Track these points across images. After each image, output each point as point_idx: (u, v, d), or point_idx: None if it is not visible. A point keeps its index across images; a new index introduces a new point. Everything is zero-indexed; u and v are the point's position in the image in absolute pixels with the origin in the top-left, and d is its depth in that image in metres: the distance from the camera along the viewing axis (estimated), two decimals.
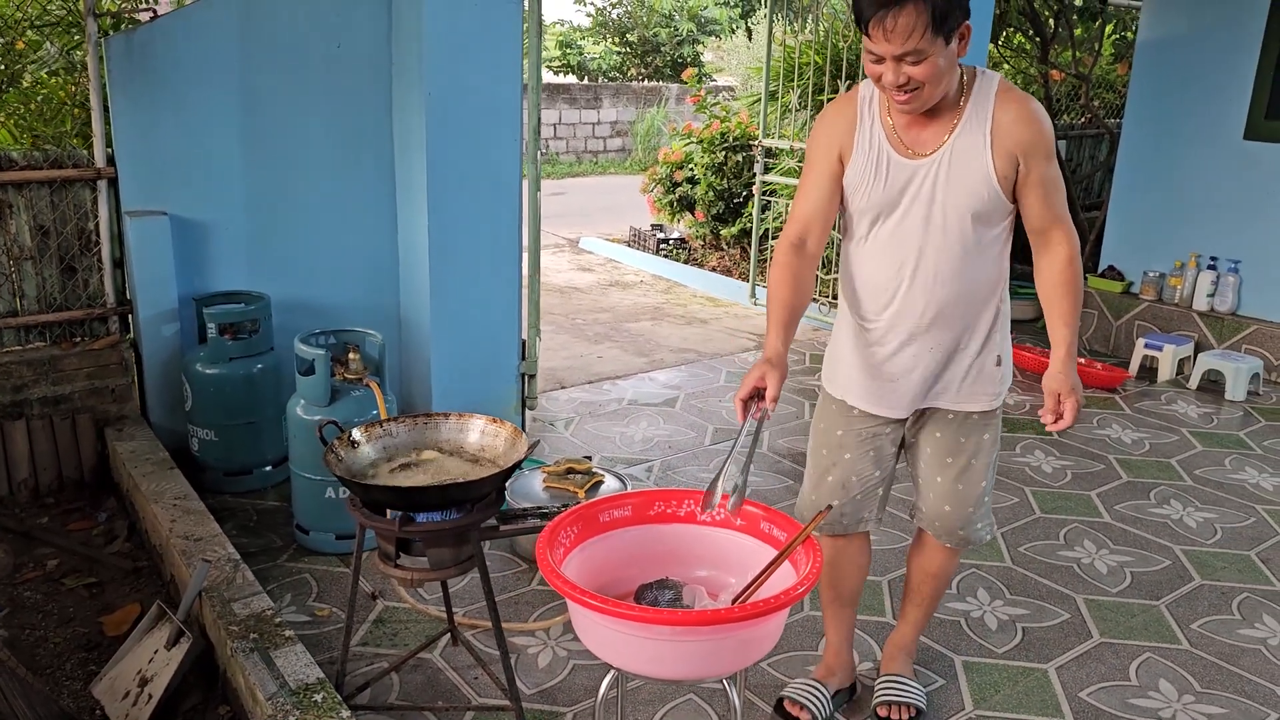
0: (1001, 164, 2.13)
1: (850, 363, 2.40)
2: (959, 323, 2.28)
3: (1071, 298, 2.22)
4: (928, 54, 2.00)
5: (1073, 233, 2.22)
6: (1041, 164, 2.14)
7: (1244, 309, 5.56)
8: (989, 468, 2.44)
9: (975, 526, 2.48)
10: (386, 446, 2.52)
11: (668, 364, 5.55)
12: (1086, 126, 8.18)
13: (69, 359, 3.77)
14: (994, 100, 2.13)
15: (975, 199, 2.16)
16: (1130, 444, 4.55)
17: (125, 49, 3.59)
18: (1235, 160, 5.54)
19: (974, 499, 2.44)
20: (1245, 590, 3.32)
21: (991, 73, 2.18)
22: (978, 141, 2.13)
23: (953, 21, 1.99)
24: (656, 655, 1.83)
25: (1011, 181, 2.16)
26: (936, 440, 2.41)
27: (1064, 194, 2.21)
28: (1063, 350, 2.21)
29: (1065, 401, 2.18)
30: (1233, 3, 5.46)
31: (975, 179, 2.15)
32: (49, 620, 3.05)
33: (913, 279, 2.24)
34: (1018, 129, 2.11)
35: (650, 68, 19.48)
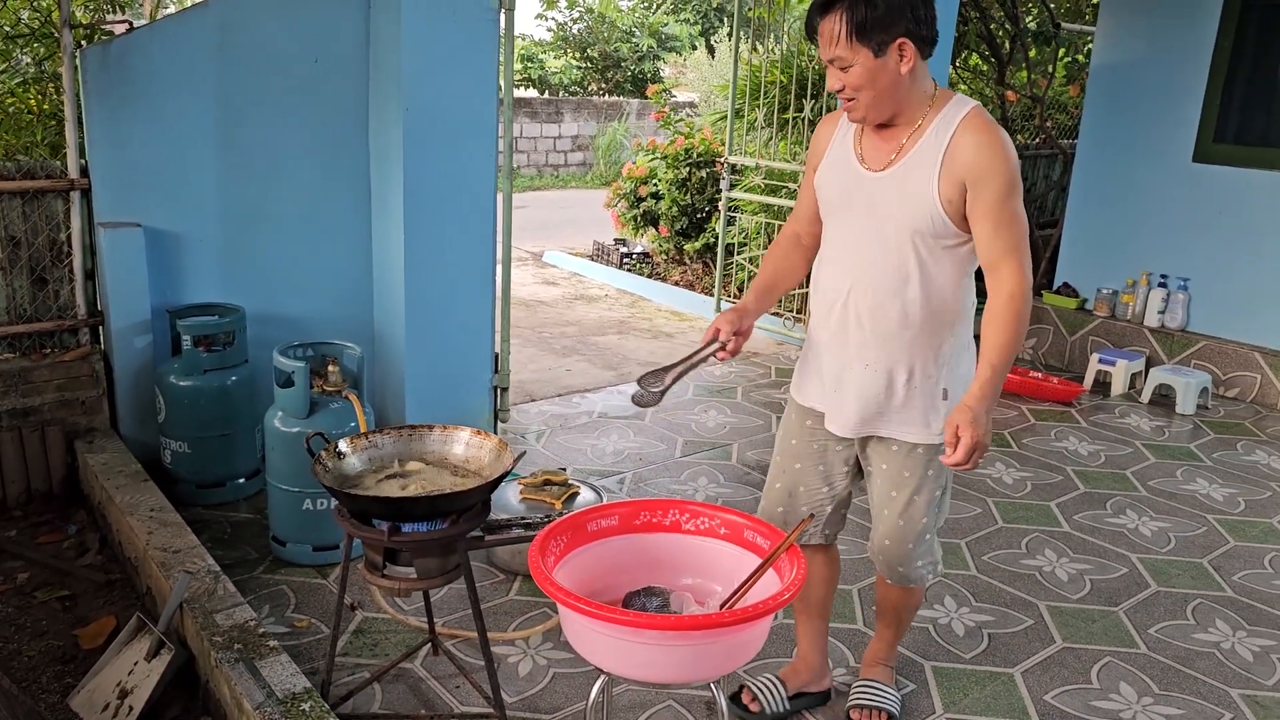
0: (948, 189, 2.15)
1: (809, 368, 2.48)
2: (900, 346, 2.28)
3: (1003, 335, 2.16)
4: (851, 62, 2.11)
5: (1024, 273, 2.17)
6: (993, 194, 2.13)
7: (1193, 325, 5.75)
8: (931, 505, 2.42)
9: (915, 564, 2.48)
10: (373, 458, 2.55)
11: (635, 377, 5.60)
12: (1041, 146, 8.40)
13: (39, 370, 3.74)
14: (957, 126, 2.16)
15: (917, 219, 2.19)
16: (1087, 456, 4.69)
17: (101, 60, 3.59)
18: (1184, 181, 5.74)
19: (914, 535, 2.44)
20: (1199, 596, 3.45)
21: (968, 100, 2.21)
22: (929, 163, 2.17)
23: (879, 34, 2.07)
24: (646, 660, 1.89)
25: (959, 210, 2.17)
26: (883, 472, 2.43)
27: (1021, 232, 2.17)
28: (977, 386, 2.16)
29: (961, 433, 2.11)
30: (1182, 31, 5.67)
31: (919, 200, 2.18)
32: (22, 634, 3.03)
33: (853, 291, 2.29)
34: (971, 155, 2.13)
35: (611, 82, 19.61)
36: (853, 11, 2.06)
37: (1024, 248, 2.19)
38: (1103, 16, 6.13)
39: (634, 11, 20.57)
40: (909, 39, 2.10)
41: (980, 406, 2.13)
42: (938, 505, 2.46)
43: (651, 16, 20.17)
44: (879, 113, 2.19)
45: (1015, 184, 2.15)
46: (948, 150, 2.16)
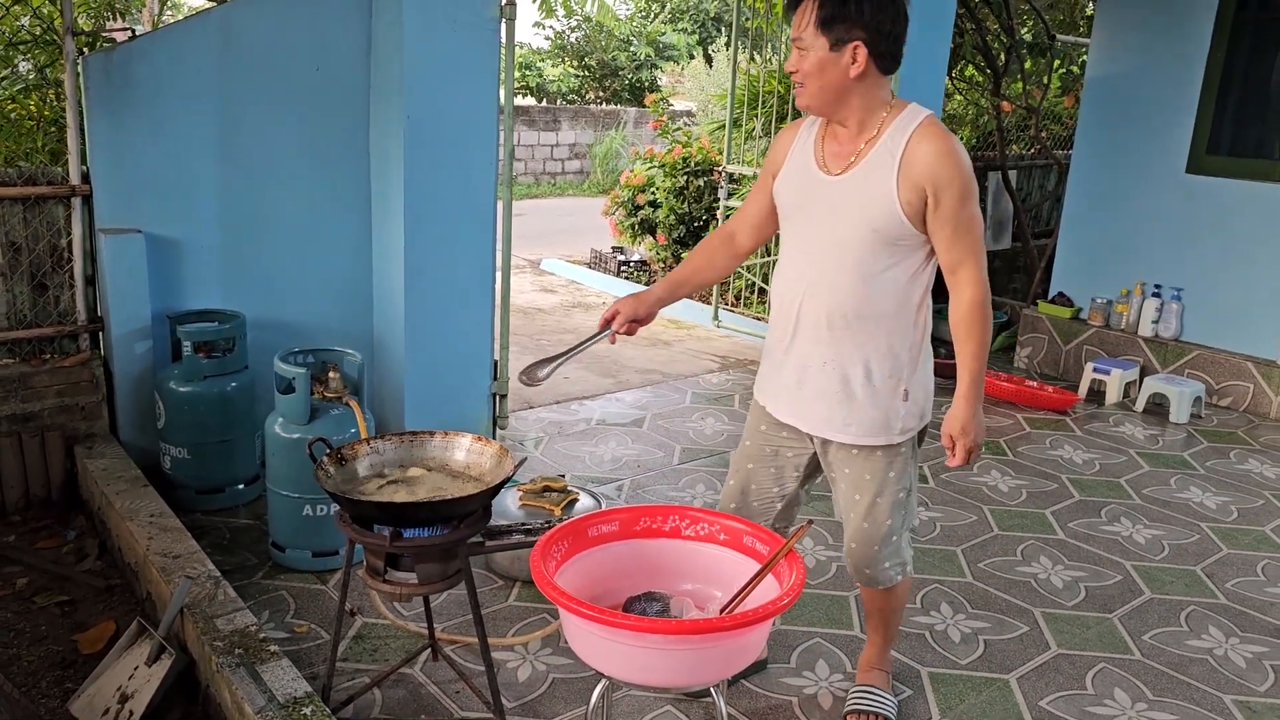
0: (906, 192, 2.23)
1: (770, 368, 2.55)
2: (856, 345, 2.34)
3: (974, 342, 2.31)
4: (809, 47, 2.23)
5: (982, 277, 2.29)
6: (952, 201, 2.21)
7: (1186, 335, 5.78)
8: (895, 506, 2.47)
9: (882, 566, 2.53)
10: (374, 464, 2.57)
11: (634, 385, 5.64)
12: (1036, 157, 8.45)
13: (39, 376, 3.76)
14: (912, 132, 2.24)
15: (876, 220, 2.26)
16: (1081, 464, 4.72)
17: (103, 67, 3.61)
18: (1178, 192, 5.78)
19: (879, 538, 2.49)
20: (1192, 603, 3.47)
21: (922, 108, 2.29)
22: (886, 166, 2.25)
23: (840, 30, 2.19)
24: (647, 664, 1.91)
25: (918, 212, 2.24)
26: (846, 477, 2.49)
27: (979, 236, 2.28)
28: (959, 393, 2.35)
29: (957, 441, 2.33)
30: (1176, 43, 5.72)
31: (877, 203, 2.25)
32: (21, 639, 3.04)
33: (810, 290, 2.36)
34: (930, 163, 2.21)
35: (608, 91, 19.67)
36: (825, 2, 2.20)
37: (981, 252, 2.31)
38: (1097, 29, 6.18)
39: (632, 20, 20.64)
40: (865, 46, 2.20)
41: (968, 413, 2.34)
42: (903, 507, 2.51)
43: (649, 25, 20.24)
44: (822, 104, 2.29)
45: (972, 189, 2.24)
46: (904, 155, 2.23)
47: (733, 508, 2.63)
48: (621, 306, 2.51)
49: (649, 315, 2.54)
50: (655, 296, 2.55)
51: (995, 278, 7.98)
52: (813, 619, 3.24)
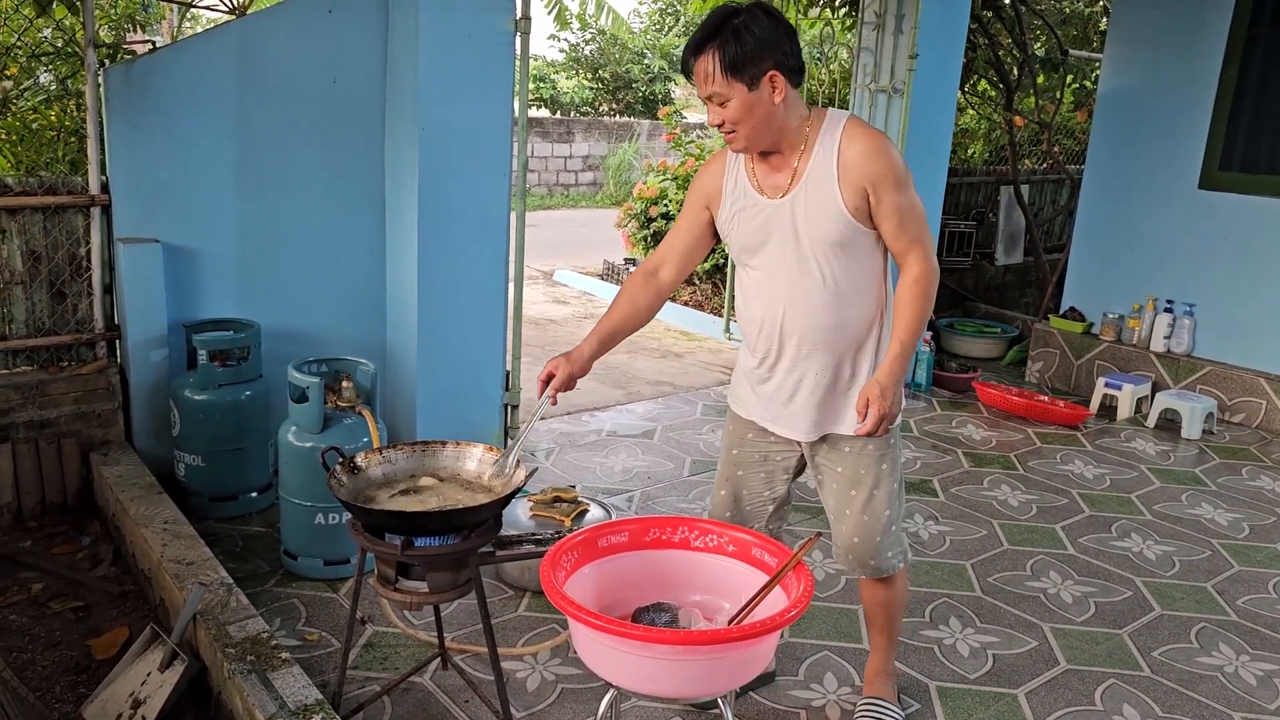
0: (850, 196, 2.29)
1: (748, 381, 2.59)
2: (839, 351, 2.43)
3: (910, 314, 2.35)
4: (728, 96, 2.24)
5: (929, 256, 2.36)
6: (891, 194, 2.29)
7: (1199, 350, 5.77)
8: (892, 496, 2.54)
9: (885, 555, 2.59)
10: (386, 473, 2.59)
11: (645, 396, 5.66)
12: (1048, 171, 8.46)
13: (56, 383, 3.80)
14: (840, 137, 2.30)
15: (833, 230, 2.32)
16: (1092, 479, 4.71)
17: (124, 79, 3.66)
18: (1190, 208, 5.78)
19: (880, 528, 2.55)
20: (1203, 620, 3.46)
21: (840, 112, 2.36)
22: (826, 177, 2.31)
23: (752, 68, 2.21)
24: (656, 674, 1.92)
25: (865, 212, 2.31)
26: (838, 475, 2.55)
27: (921, 219, 2.35)
28: (887, 361, 2.36)
29: (870, 406, 2.32)
30: (1189, 58, 5.73)
31: (828, 213, 2.31)
32: (36, 643, 3.06)
33: (787, 312, 2.41)
34: (862, 163, 2.27)
35: (622, 103, 19.75)
36: (724, 50, 2.20)
37: (926, 233, 2.37)
38: (1110, 43, 6.19)
39: (646, 33, 20.74)
40: (778, 70, 2.23)
41: (889, 380, 2.33)
42: (898, 497, 2.58)
43: (663, 39, 20.32)
44: (758, 141, 2.32)
45: (906, 178, 2.31)
46: (839, 162, 2.29)
47: (727, 516, 2.67)
48: (555, 369, 2.50)
49: (584, 372, 2.53)
50: (588, 354, 2.53)
51: (1006, 292, 8.00)
52: (821, 631, 3.24)
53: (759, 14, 2.23)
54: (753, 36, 2.19)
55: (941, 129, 5.90)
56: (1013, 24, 7.19)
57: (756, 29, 2.20)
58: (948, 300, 7.33)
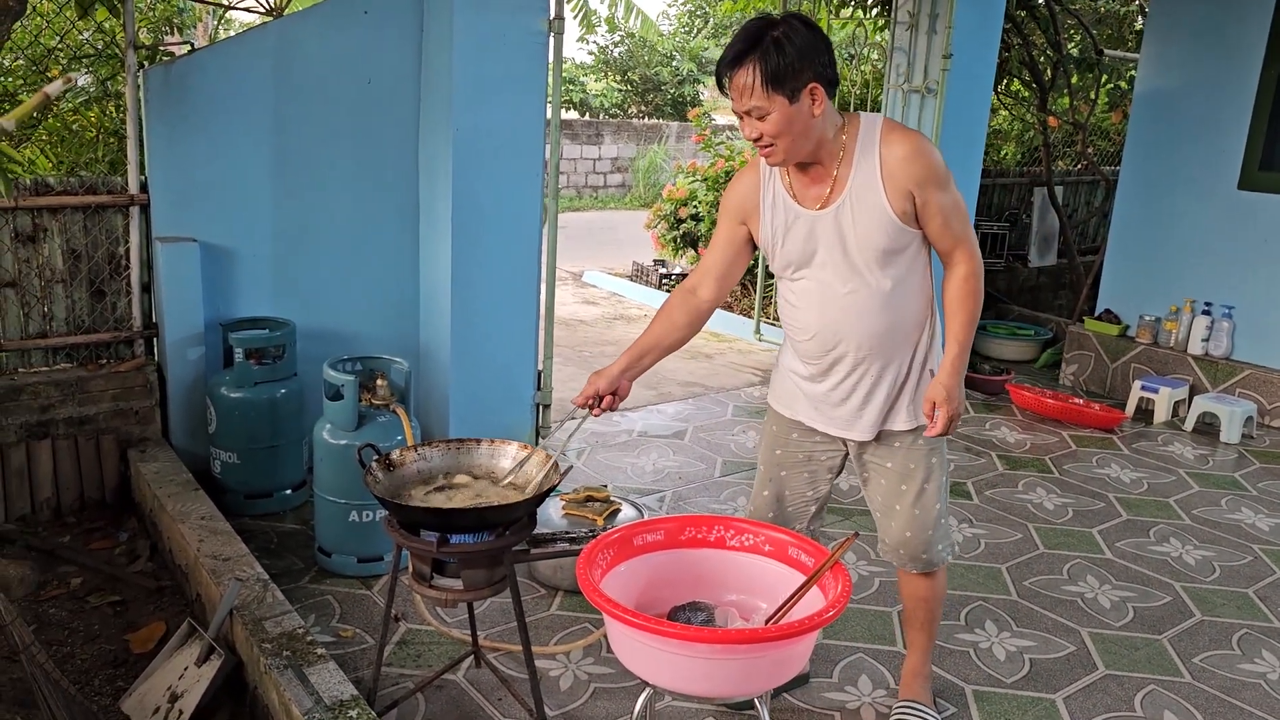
0: (897, 201, 2.28)
1: (795, 383, 2.58)
2: (892, 351, 2.43)
3: (965, 313, 2.38)
4: (768, 110, 2.18)
5: (973, 252, 2.37)
6: (937, 193, 2.28)
7: (1238, 354, 5.68)
8: (941, 490, 2.56)
9: (937, 548, 2.60)
10: (421, 470, 2.60)
11: (676, 397, 5.65)
12: (1083, 173, 8.37)
13: (95, 380, 3.84)
14: (879, 141, 2.28)
15: (882, 237, 2.31)
16: (1129, 483, 4.65)
17: (163, 81, 3.70)
18: (1230, 209, 5.69)
19: (931, 521, 2.56)
20: (1244, 626, 3.41)
21: (873, 116, 2.33)
22: (871, 184, 2.28)
23: (792, 80, 2.16)
24: (694, 673, 1.91)
25: (912, 215, 2.30)
26: (888, 470, 2.55)
27: (965, 215, 2.36)
28: (948, 362, 2.38)
29: (939, 409, 2.34)
30: (1228, 57, 5.65)
31: (877, 221, 2.29)
32: (75, 637, 3.10)
33: (840, 321, 2.40)
34: (906, 166, 2.25)
35: (651, 105, 19.76)
36: (764, 62, 2.15)
37: (969, 229, 2.37)
38: (1146, 43, 6.11)
39: (675, 36, 20.73)
40: (818, 82, 2.19)
41: (952, 382, 2.36)
42: (945, 490, 2.59)
43: (692, 41, 20.31)
44: (797, 154, 2.28)
45: (948, 175, 2.31)
46: (882, 168, 2.27)
47: (770, 517, 2.67)
48: (600, 386, 2.50)
49: (613, 386, 2.52)
50: (616, 372, 2.52)
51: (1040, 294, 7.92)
52: (855, 633, 3.22)
53: (797, 25, 2.18)
54: (793, 48, 2.15)
55: (975, 130, 5.85)
56: (1047, 24, 7.12)
57: (797, 40, 2.15)
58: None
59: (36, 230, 3.71)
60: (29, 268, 3.73)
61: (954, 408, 2.35)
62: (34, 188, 3.67)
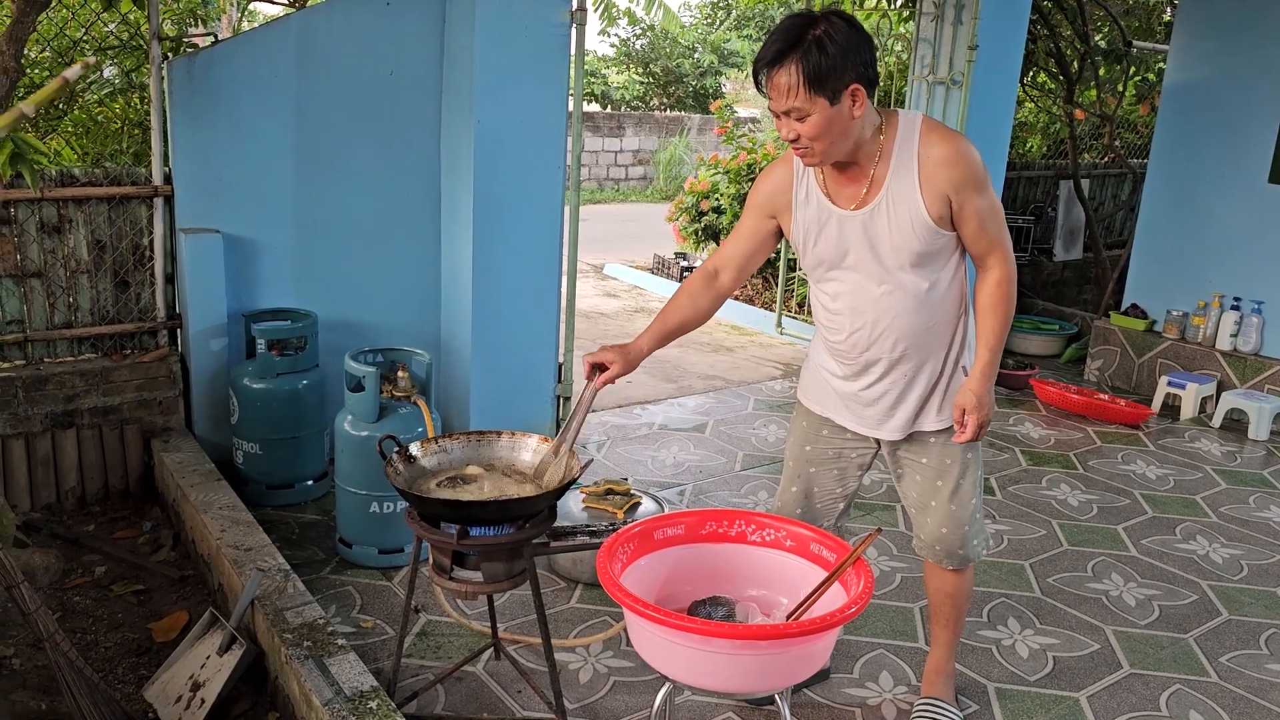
0: (934, 205, 2.22)
1: (826, 380, 2.54)
2: (926, 352, 2.40)
3: (996, 319, 2.34)
4: (809, 112, 2.11)
5: (1007, 257, 2.33)
6: (973, 198, 2.23)
7: (1267, 350, 5.60)
8: (976, 485, 2.55)
9: (973, 544, 2.59)
10: (442, 462, 2.59)
11: (696, 390, 5.63)
12: (1109, 165, 8.28)
13: (119, 371, 3.87)
14: (918, 142, 2.21)
15: (916, 241, 2.25)
16: (1155, 480, 4.60)
17: (187, 72, 3.71)
18: (1260, 203, 5.61)
19: (967, 517, 2.55)
20: (1273, 626, 3.36)
21: (912, 114, 2.26)
22: (909, 185, 2.22)
23: (834, 82, 2.08)
24: (714, 669, 1.90)
25: (948, 219, 2.26)
26: (923, 466, 2.52)
27: (1001, 218, 2.31)
28: (978, 368, 2.36)
29: (969, 416, 2.32)
30: (1259, 49, 5.56)
31: (913, 224, 2.24)
32: (99, 625, 3.12)
33: (875, 321, 2.36)
34: (945, 170, 2.20)
35: (672, 98, 19.70)
36: (806, 62, 2.07)
37: (1004, 233, 2.33)
38: (1176, 35, 6.03)
39: (696, 28, 20.66)
40: (860, 83, 2.12)
41: (982, 388, 2.34)
42: (980, 484, 2.57)
43: (714, 33, 20.24)
44: (834, 156, 2.22)
45: (985, 179, 2.26)
46: (920, 169, 2.21)
47: (798, 514, 2.64)
48: (612, 360, 2.43)
49: (628, 363, 2.45)
50: (646, 350, 2.47)
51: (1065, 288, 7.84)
52: (876, 629, 3.20)
53: (839, 23, 2.10)
54: (836, 48, 2.06)
55: (1001, 122, 5.79)
56: (1074, 15, 7.03)
57: (839, 39, 2.07)
58: None
59: (62, 221, 3.73)
60: (54, 258, 3.75)
61: (983, 414, 2.33)
62: (59, 179, 3.69)
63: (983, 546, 2.62)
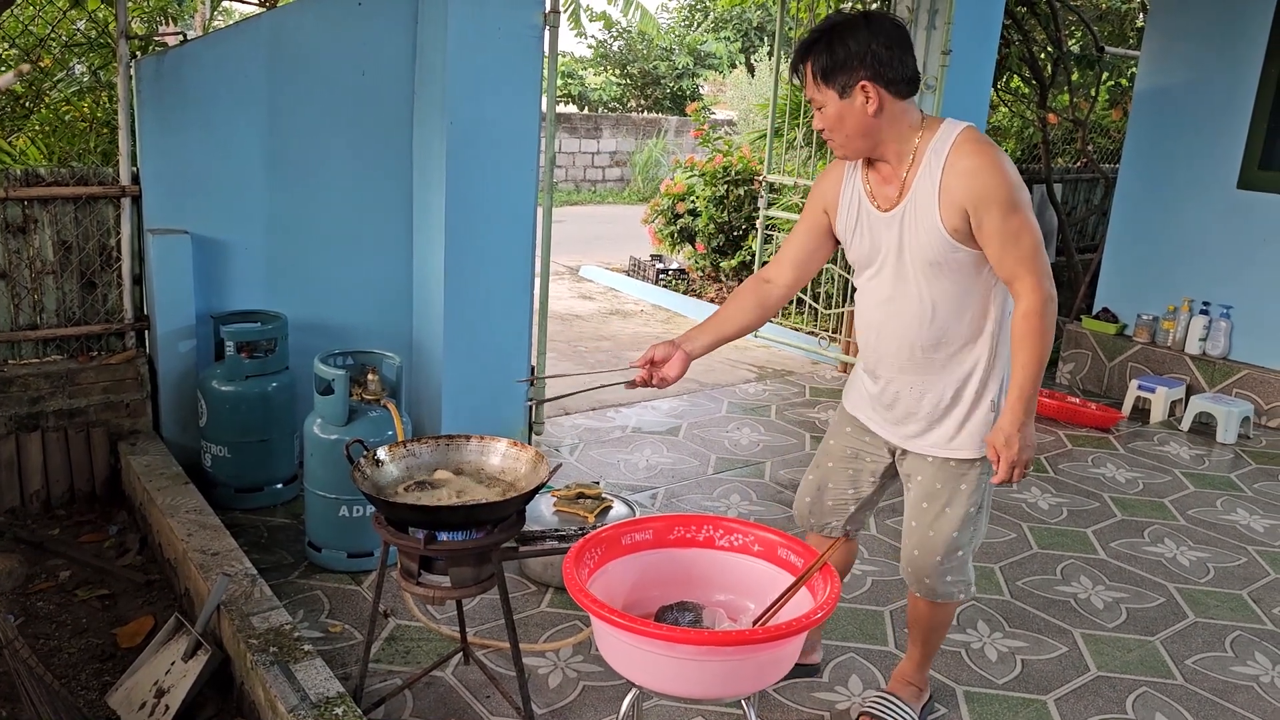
0: (949, 216, 2.20)
1: (860, 378, 2.59)
2: (934, 371, 2.37)
3: (1024, 353, 2.22)
4: (822, 103, 2.25)
5: (1040, 286, 2.20)
6: (995, 216, 2.15)
7: (1235, 354, 5.67)
8: (965, 520, 2.45)
9: (944, 579, 2.51)
10: (410, 466, 2.58)
11: (670, 393, 5.62)
12: (1082, 170, 8.34)
13: (85, 373, 3.82)
14: (948, 154, 2.20)
15: (930, 250, 2.25)
16: (1124, 483, 4.64)
17: (156, 71, 3.67)
18: (1229, 208, 5.67)
19: (942, 548, 2.47)
20: (1238, 628, 3.39)
21: (957, 123, 2.25)
22: (929, 194, 2.22)
23: (843, 76, 2.19)
24: (679, 674, 1.89)
25: (966, 233, 2.21)
26: (918, 484, 2.50)
27: (1030, 244, 2.18)
28: (1007, 409, 2.27)
29: (1001, 455, 2.25)
30: (1228, 55, 5.62)
31: (928, 231, 2.24)
32: (62, 631, 3.08)
33: (886, 324, 2.38)
34: (963, 181, 2.17)
35: (650, 99, 19.71)
36: (817, 58, 2.22)
37: (1037, 259, 2.20)
38: (1147, 41, 6.09)
39: (673, 30, 20.69)
40: (871, 81, 2.18)
41: (1013, 427, 2.24)
42: (972, 523, 2.48)
43: (691, 35, 20.27)
44: (855, 150, 2.30)
45: (1014, 199, 2.16)
46: (942, 179, 2.20)
47: (807, 501, 2.70)
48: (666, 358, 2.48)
49: (685, 363, 2.49)
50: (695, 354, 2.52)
51: None
52: (847, 633, 3.20)
53: (860, 23, 2.19)
54: (844, 48, 2.17)
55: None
56: (1047, 20, 7.09)
57: (852, 40, 2.17)
58: None
59: (27, 221, 3.68)
60: (19, 259, 3.70)
61: (1013, 454, 2.23)
62: (24, 178, 3.64)
63: (958, 590, 2.54)
